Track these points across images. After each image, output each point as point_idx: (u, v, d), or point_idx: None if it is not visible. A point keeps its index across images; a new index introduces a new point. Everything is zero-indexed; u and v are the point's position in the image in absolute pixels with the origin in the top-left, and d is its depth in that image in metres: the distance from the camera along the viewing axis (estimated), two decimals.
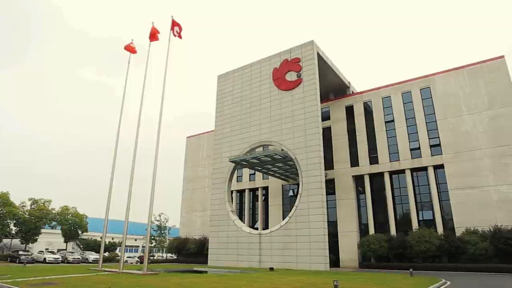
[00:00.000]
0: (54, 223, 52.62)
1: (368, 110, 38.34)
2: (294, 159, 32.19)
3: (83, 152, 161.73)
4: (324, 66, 36.86)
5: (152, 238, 55.23)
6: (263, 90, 36.88)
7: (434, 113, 33.76)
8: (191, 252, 45.14)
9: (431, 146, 33.18)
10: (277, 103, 35.30)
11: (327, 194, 34.68)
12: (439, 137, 32.88)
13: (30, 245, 51.87)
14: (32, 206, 49.65)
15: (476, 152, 30.65)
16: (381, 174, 35.64)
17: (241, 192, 46.84)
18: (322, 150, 31.70)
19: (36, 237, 48.91)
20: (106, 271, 23.09)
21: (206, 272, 27.59)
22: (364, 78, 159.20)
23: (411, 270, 22.81)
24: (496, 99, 30.89)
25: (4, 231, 46.19)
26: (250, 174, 45.42)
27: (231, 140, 37.85)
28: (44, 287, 14.62)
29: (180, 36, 27.76)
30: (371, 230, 34.07)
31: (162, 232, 57.07)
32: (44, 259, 38.54)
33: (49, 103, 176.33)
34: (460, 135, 31.82)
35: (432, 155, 32.88)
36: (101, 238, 30.95)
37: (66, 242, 53.56)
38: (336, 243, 35.09)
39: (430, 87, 34.69)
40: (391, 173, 35.31)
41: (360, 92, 39.52)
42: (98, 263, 29.13)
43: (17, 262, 36.68)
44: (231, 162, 35.35)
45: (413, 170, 34.01)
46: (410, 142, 34.44)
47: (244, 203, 45.61)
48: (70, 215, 52.46)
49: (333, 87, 41.68)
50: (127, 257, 50.35)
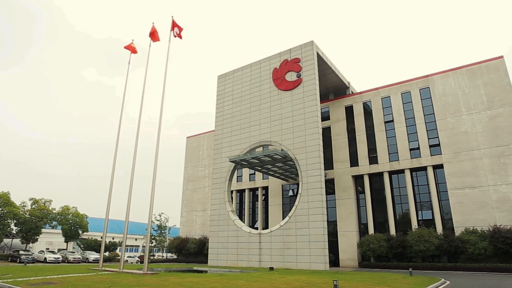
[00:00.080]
0: (54, 223, 52.74)
1: (367, 110, 38.43)
2: (294, 159, 32.27)
3: (83, 152, 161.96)
4: (324, 66, 36.99)
5: (152, 237, 55.46)
6: (263, 90, 36.96)
7: (433, 113, 33.84)
8: (191, 251, 45.31)
9: (431, 146, 33.26)
10: (277, 103, 35.38)
11: (327, 194, 34.88)
12: (438, 137, 32.95)
13: (31, 244, 51.97)
14: (33, 206, 49.76)
15: (475, 152, 30.74)
16: (380, 174, 35.75)
17: (241, 192, 46.95)
18: (321, 150, 31.78)
19: (37, 237, 48.98)
20: (106, 270, 23.17)
21: (206, 271, 27.66)
22: (364, 78, 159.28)
23: (410, 270, 22.93)
24: (495, 99, 30.97)
25: (4, 230, 46.27)
26: (250, 174, 45.53)
27: (231, 140, 37.92)
28: (45, 286, 14.64)
29: (180, 37, 27.84)
30: (371, 230, 34.16)
31: (162, 231, 57.30)
32: (45, 258, 38.67)
33: (50, 103, 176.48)
34: (459, 135, 31.90)
35: (431, 155, 32.96)
36: (101, 238, 31.09)
37: (66, 242, 53.71)
38: (335, 243, 35.23)
39: (429, 87, 34.78)
40: (391, 173, 35.40)
41: (360, 92, 39.59)
42: (98, 262, 29.21)
43: (17, 261, 36.80)
44: (231, 162, 35.42)
45: (412, 170, 34.11)
46: (409, 142, 34.52)
47: (244, 203, 45.72)
48: (71, 215, 52.61)
49: (332, 87, 41.79)
50: (128, 256, 50.50)
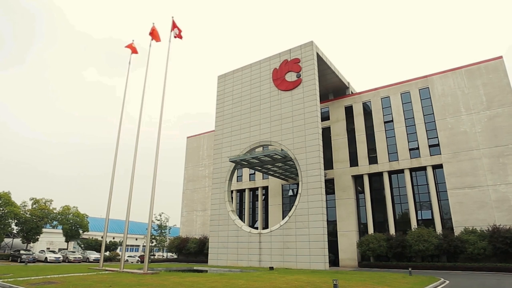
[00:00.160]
0: (55, 222, 52.87)
1: (367, 110, 38.49)
2: (293, 159, 32.34)
3: (84, 152, 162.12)
4: (323, 67, 37.05)
5: (153, 237, 55.55)
6: (263, 90, 37.03)
7: (433, 113, 33.90)
8: (192, 251, 45.41)
9: (430, 146, 33.32)
10: (277, 103, 35.46)
11: (327, 193, 34.95)
12: (437, 137, 33.02)
13: (32, 244, 52.08)
14: (33, 206, 49.88)
15: (474, 152, 30.80)
16: (380, 174, 35.82)
17: (241, 192, 47.04)
18: (321, 150, 31.85)
19: (38, 236, 49.08)
20: (107, 270, 23.27)
21: (206, 271, 27.76)
22: (364, 78, 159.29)
23: (410, 269, 23.03)
24: (494, 99, 31.03)
25: (5, 230, 46.38)
26: (250, 174, 45.61)
27: (231, 140, 38.00)
28: (46, 286, 14.68)
29: (180, 37, 27.93)
30: (370, 230, 34.24)
31: (163, 231, 57.39)
32: (46, 258, 38.78)
33: (50, 103, 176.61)
34: (458, 135, 31.97)
35: (430, 155, 33.02)
36: (102, 237, 31.19)
37: (67, 241, 53.83)
38: (335, 243, 35.31)
39: (428, 88, 34.83)
40: (390, 172, 35.47)
41: (360, 93, 39.66)
42: (99, 262, 29.34)
43: (18, 261, 36.94)
44: (231, 162, 35.50)
45: (412, 170, 34.19)
46: (409, 142, 34.59)
47: (244, 202, 45.81)
48: (71, 214, 52.74)
49: (332, 88, 41.86)
50: (128, 256, 50.65)
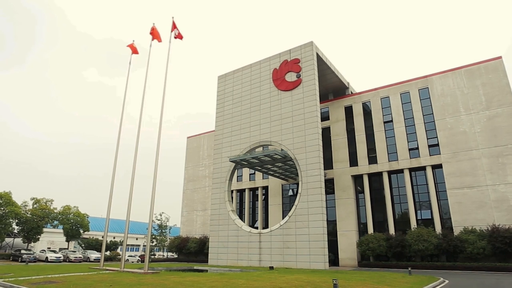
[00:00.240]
0: (56, 222, 52.99)
1: (367, 110, 38.56)
2: (293, 159, 32.42)
3: (84, 152, 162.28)
4: (323, 67, 37.12)
5: (153, 237, 55.60)
6: (263, 90, 37.10)
7: (432, 113, 33.96)
8: (192, 251, 45.50)
9: (429, 146, 33.38)
10: (277, 104, 35.53)
11: (326, 193, 35.02)
12: (437, 137, 33.08)
13: (32, 244, 52.18)
14: (34, 206, 49.98)
15: (474, 152, 30.87)
16: (380, 174, 35.89)
17: (241, 192, 47.12)
18: (321, 150, 31.93)
19: (38, 236, 49.19)
20: (107, 270, 23.36)
21: (206, 271, 27.84)
22: (363, 79, 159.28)
23: (409, 269, 23.09)
24: (494, 99, 31.08)
25: (6, 230, 46.50)
26: (250, 174, 45.69)
27: (231, 140, 38.08)
28: (46, 285, 14.70)
29: (180, 37, 28.01)
30: (370, 229, 34.31)
31: (163, 231, 57.43)
32: (46, 258, 38.94)
33: (51, 104, 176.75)
34: (457, 135, 32.03)
35: (430, 155, 33.08)
36: (102, 237, 31.29)
37: (68, 241, 53.97)
38: (335, 242, 35.39)
39: (428, 88, 34.89)
40: (390, 172, 35.54)
41: (359, 93, 39.72)
42: (99, 262, 29.41)
43: (19, 261, 37.07)
44: (231, 162, 35.57)
45: (411, 170, 34.25)
46: (408, 142, 34.65)
47: (244, 202, 45.89)
48: (72, 214, 52.86)
49: (332, 88, 41.93)
50: (128, 256, 50.76)
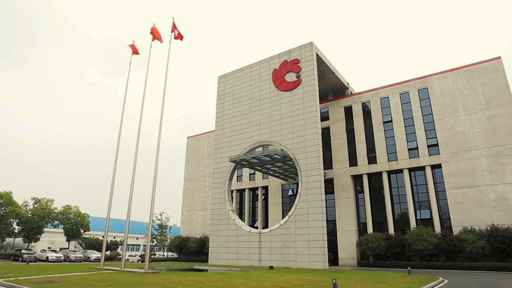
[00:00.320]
0: (56, 222, 53.07)
1: (366, 110, 38.64)
2: (293, 159, 32.50)
3: (84, 152, 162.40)
4: (323, 67, 37.20)
5: (153, 237, 55.72)
6: (263, 90, 37.18)
7: (432, 113, 34.05)
8: (192, 251, 45.60)
9: (429, 146, 33.48)
10: (276, 104, 35.61)
11: (326, 193, 35.12)
12: (436, 137, 33.17)
13: (33, 244, 52.30)
14: (35, 205, 50.09)
15: (473, 152, 30.95)
16: (379, 174, 35.98)
17: (241, 192, 47.20)
18: (321, 150, 32.00)
19: (39, 236, 49.31)
20: (107, 269, 23.42)
21: (206, 270, 27.90)
22: (363, 79, 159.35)
23: (409, 269, 23.15)
24: (493, 99, 31.17)
25: (7, 230, 46.62)
26: (250, 174, 45.77)
27: (231, 140, 38.16)
28: (47, 285, 14.69)
29: (181, 38, 28.06)
30: (370, 229, 34.40)
31: (163, 231, 57.55)
32: (47, 257, 39.03)
33: (52, 104, 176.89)
34: (457, 135, 32.11)
35: (429, 155, 33.17)
36: (102, 237, 31.36)
37: (68, 241, 54.08)
38: (335, 242, 35.49)
39: (427, 88, 34.97)
40: (389, 172, 35.62)
41: (359, 93, 39.81)
42: (100, 261, 29.51)
43: (20, 260, 37.19)
44: (231, 161, 35.65)
45: (411, 170, 34.35)
46: (408, 142, 34.74)
47: (244, 202, 45.98)
48: (72, 214, 52.97)
49: (332, 88, 42.01)
50: (129, 255, 50.90)
